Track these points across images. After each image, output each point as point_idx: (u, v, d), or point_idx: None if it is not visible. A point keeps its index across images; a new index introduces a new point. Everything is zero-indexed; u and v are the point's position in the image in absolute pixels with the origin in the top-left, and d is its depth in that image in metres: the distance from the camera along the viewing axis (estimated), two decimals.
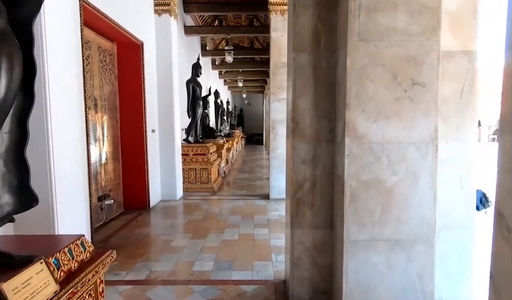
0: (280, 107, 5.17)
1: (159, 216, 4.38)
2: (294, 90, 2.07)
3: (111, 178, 4.15)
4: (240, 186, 6.53)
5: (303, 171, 2.09)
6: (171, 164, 5.22)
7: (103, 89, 3.92)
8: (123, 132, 4.45)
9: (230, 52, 7.50)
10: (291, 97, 2.11)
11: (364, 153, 1.83)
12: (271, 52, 5.15)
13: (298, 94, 2.06)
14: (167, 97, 5.12)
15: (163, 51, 5.02)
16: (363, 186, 1.84)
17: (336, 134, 2.03)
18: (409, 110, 1.81)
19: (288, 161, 2.26)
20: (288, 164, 2.23)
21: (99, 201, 3.79)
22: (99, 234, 3.59)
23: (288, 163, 2.23)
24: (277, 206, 4.87)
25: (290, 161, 2.15)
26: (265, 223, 3.99)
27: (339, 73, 1.96)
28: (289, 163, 2.20)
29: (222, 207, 4.80)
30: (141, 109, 4.50)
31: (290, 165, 2.13)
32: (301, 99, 2.06)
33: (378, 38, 1.79)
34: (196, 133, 6.39)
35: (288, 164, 2.23)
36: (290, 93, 2.17)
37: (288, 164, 2.23)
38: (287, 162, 2.29)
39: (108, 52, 4.08)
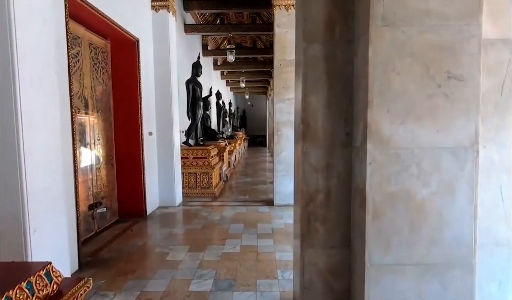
0: (285, 108, 4.88)
1: (156, 224, 4.10)
2: (304, 86, 1.77)
3: (104, 184, 3.87)
4: (243, 191, 6.23)
5: (315, 181, 1.79)
6: (170, 169, 4.94)
7: (95, 89, 3.65)
8: (118, 135, 4.18)
9: (232, 51, 7.23)
10: (300, 95, 1.82)
11: (390, 161, 1.53)
12: (275, 50, 4.87)
13: (310, 91, 1.77)
14: (165, 98, 4.84)
15: (161, 49, 4.75)
16: (388, 200, 1.54)
17: (354, 138, 1.73)
18: (444, 109, 1.51)
19: (297, 169, 1.96)
20: (297, 172, 1.94)
21: (90, 210, 3.51)
22: (89, 245, 3.31)
23: (297, 171, 1.93)
24: (282, 213, 4.57)
25: (299, 169, 1.86)
26: (270, 233, 3.69)
27: (358, 65, 1.67)
28: (298, 171, 1.91)
29: (223, 214, 4.50)
30: (137, 111, 4.23)
31: (300, 173, 1.84)
32: (312, 97, 1.77)
33: (407, 23, 1.49)
34: (197, 135, 6.11)
35: (297, 172, 1.94)
36: (299, 90, 1.87)
37: (297, 172, 1.94)
38: (296, 169, 2.00)
39: (100, 50, 3.81)
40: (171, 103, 4.86)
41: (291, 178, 5.09)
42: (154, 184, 4.81)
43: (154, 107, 4.80)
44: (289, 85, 4.85)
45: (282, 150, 4.95)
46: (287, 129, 4.89)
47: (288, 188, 4.96)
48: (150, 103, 4.66)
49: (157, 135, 4.87)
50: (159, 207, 4.90)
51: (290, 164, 4.94)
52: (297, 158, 1.93)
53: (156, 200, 4.85)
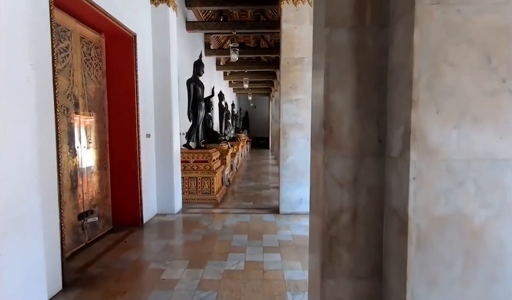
0: (292, 109, 4.56)
1: (153, 235, 3.78)
2: (327, 81, 1.45)
3: (97, 190, 3.56)
4: (246, 196, 5.91)
5: (339, 198, 1.46)
6: (169, 173, 4.63)
7: (86, 87, 3.35)
8: (112, 137, 3.87)
9: (236, 50, 6.93)
10: (321, 92, 1.49)
11: (439, 176, 1.20)
12: (282, 47, 4.55)
13: (333, 87, 1.44)
14: (164, 98, 4.54)
15: (160, 46, 4.45)
16: (437, 225, 1.21)
17: (389, 146, 1.40)
18: (509, 110, 1.19)
19: (315, 182, 1.64)
20: (316, 187, 1.61)
21: (80, 219, 3.20)
22: (78, 259, 2.99)
23: (316, 185, 1.61)
24: (289, 222, 4.24)
25: (319, 182, 1.53)
26: (276, 247, 3.36)
27: (396, 55, 1.34)
28: (317, 185, 1.58)
29: (225, 224, 4.18)
30: (133, 111, 3.92)
31: (320, 188, 1.51)
32: (337, 95, 1.44)
33: (463, 0, 1.17)
34: (198, 137, 5.80)
35: (316, 187, 1.61)
36: (319, 86, 1.55)
37: (316, 187, 1.61)
38: (314, 183, 1.67)
39: (93, 45, 3.51)
40: (170, 104, 4.56)
41: (297, 184, 4.81)
42: (152, 190, 4.49)
43: (153, 108, 4.50)
44: (297, 85, 4.53)
45: (288, 155, 4.63)
46: (294, 131, 4.57)
47: (294, 195, 4.64)
48: (148, 103, 4.35)
49: (156, 138, 4.57)
50: (157, 214, 4.59)
51: (297, 169, 4.62)
52: (316, 169, 1.60)
53: (153, 207, 4.53)
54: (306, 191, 4.62)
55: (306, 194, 4.63)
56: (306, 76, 4.50)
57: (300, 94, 4.53)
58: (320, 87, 1.54)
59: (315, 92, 1.70)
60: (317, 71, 1.62)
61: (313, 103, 1.76)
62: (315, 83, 1.69)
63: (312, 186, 1.75)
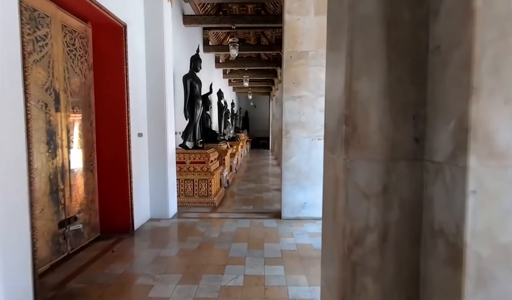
0: (295, 107, 4.25)
1: (144, 243, 3.46)
2: (350, 65, 1.13)
3: (82, 195, 3.24)
4: (245, 199, 5.59)
5: (364, 213, 1.15)
6: (163, 175, 4.31)
7: (69, 81, 3.03)
8: (100, 136, 3.56)
9: (235, 45, 6.61)
10: (343, 80, 1.17)
11: (507, 188, 0.89)
12: (285, 41, 4.24)
13: (358, 72, 1.13)
14: (158, 94, 4.22)
15: (153, 38, 4.14)
16: (503, 255, 0.90)
17: (431, 147, 1.09)
18: None
19: (332, 193, 1.32)
20: (334, 199, 1.29)
21: (61, 227, 2.89)
22: (57, 273, 2.68)
23: (334, 196, 1.29)
24: (291, 229, 3.93)
25: (339, 193, 1.22)
26: (279, 257, 3.04)
27: (445, 27, 1.03)
28: (336, 196, 1.26)
29: (223, 230, 3.87)
30: (123, 108, 3.60)
31: (340, 201, 1.20)
32: (363, 82, 1.13)
33: None
34: (195, 137, 5.48)
35: (334, 199, 1.29)
36: (339, 73, 1.23)
37: (334, 199, 1.29)
38: (331, 193, 1.35)
39: (78, 34, 3.19)
40: (164, 101, 4.24)
41: (301, 187, 4.50)
42: (144, 193, 4.18)
43: (145, 105, 4.19)
44: (300, 80, 4.22)
45: (291, 156, 4.31)
46: (297, 131, 4.26)
47: (297, 199, 4.33)
48: (140, 100, 4.04)
49: (148, 137, 4.25)
50: (150, 220, 4.27)
51: (300, 171, 4.31)
52: (333, 177, 1.29)
53: (146, 212, 4.22)
54: (309, 194, 4.31)
55: (310, 198, 4.32)
56: (310, 71, 4.19)
57: (304, 90, 4.22)
58: (340, 74, 1.22)
59: (331, 82, 1.38)
60: (335, 54, 1.31)
61: (328, 95, 1.44)
62: (331, 70, 1.37)
63: (328, 197, 1.43)
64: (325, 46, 1.59)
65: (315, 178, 4.29)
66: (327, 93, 1.41)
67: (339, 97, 1.20)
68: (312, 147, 4.27)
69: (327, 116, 1.42)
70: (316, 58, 4.17)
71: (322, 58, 4.15)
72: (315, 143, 4.26)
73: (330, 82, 1.35)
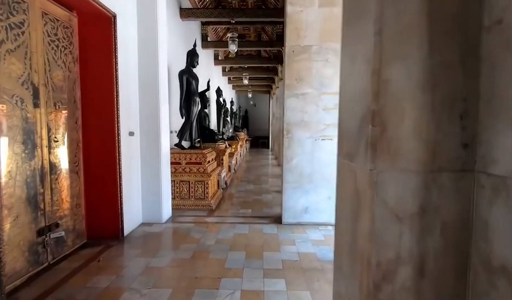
0: (297, 105, 3.98)
1: (134, 251, 3.19)
2: (378, 46, 0.86)
3: (65, 199, 2.98)
4: (244, 202, 5.33)
5: (395, 240, 0.89)
6: (156, 177, 4.04)
7: (51, 74, 2.76)
8: (87, 135, 3.29)
9: (235, 40, 6.33)
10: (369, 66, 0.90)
11: None
12: (287, 34, 3.96)
13: (390, 55, 0.86)
14: (151, 90, 3.95)
15: (146, 30, 3.86)
16: None
17: (486, 156, 0.83)
18: None
19: (351, 211, 1.05)
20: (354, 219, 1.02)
21: (39, 236, 2.62)
22: (33, 287, 2.41)
23: (355, 216, 1.02)
24: (293, 235, 3.67)
25: (362, 213, 0.95)
26: (280, 269, 2.78)
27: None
28: (356, 216, 0.99)
29: (219, 237, 3.60)
30: (112, 105, 3.33)
31: (364, 223, 0.93)
32: (396, 69, 0.86)
33: None
34: (192, 136, 5.21)
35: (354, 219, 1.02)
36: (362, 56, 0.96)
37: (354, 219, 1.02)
38: (350, 212, 1.08)
39: (61, 24, 2.92)
40: (158, 97, 3.97)
41: (303, 190, 4.23)
42: (136, 196, 3.92)
43: (137, 102, 3.92)
44: (303, 77, 3.95)
45: (293, 157, 4.05)
46: (300, 130, 4.00)
47: (299, 203, 4.06)
48: (132, 97, 3.77)
49: (141, 136, 3.99)
50: (142, 224, 4.01)
51: (302, 173, 4.05)
52: (353, 191, 1.02)
53: (137, 216, 3.96)
54: (312, 198, 4.05)
55: (313, 202, 4.06)
56: (313, 67, 3.92)
57: (307, 87, 3.95)
58: (363, 59, 0.95)
59: (350, 70, 1.10)
60: (357, 33, 1.03)
61: (345, 88, 1.17)
62: (351, 54, 1.09)
63: (343, 216, 1.16)
64: (330, 40, 1.34)
65: (318, 181, 4.03)
66: (344, 85, 1.14)
67: (363, 89, 0.93)
68: (315, 148, 4.01)
69: (342, 114, 1.15)
70: (320, 53, 3.90)
71: (326, 53, 3.89)
72: (319, 143, 4.00)
73: (348, 70, 1.08)
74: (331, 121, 3.97)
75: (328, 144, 3.99)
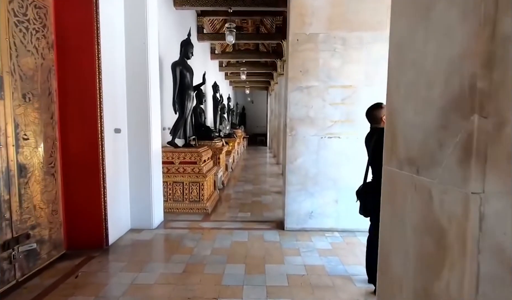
0: (301, 99, 3.61)
1: (118, 263, 2.82)
2: None
3: (38, 205, 2.59)
4: (242, 205, 4.96)
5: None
6: (145, 178, 3.66)
7: (18, 60, 2.36)
8: (65, 132, 2.90)
9: (232, 31, 5.94)
10: (477, 15, 0.53)
11: None
12: (290, 21, 3.58)
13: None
14: (140, 82, 3.56)
15: (134, 15, 3.46)
16: None
17: None
18: None
19: (415, 251, 0.68)
20: (433, 272, 0.65)
21: (5, 250, 2.24)
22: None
23: (437, 266, 0.64)
24: (297, 243, 3.31)
25: (453, 264, 0.58)
26: (285, 286, 2.42)
27: None
28: (443, 268, 0.62)
29: (216, 245, 3.24)
30: (94, 98, 2.94)
31: (458, 282, 0.56)
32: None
33: None
34: (186, 133, 4.83)
35: (433, 272, 0.65)
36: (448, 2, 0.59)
37: (433, 272, 0.65)
38: (406, 248, 0.70)
39: (32, 3, 2.51)
40: (148, 91, 3.58)
41: (307, 193, 3.84)
42: (123, 199, 3.54)
43: (125, 95, 3.53)
44: (308, 68, 3.58)
45: (296, 157, 3.68)
46: (304, 127, 3.63)
47: (303, 207, 3.71)
48: (117, 89, 3.38)
49: (129, 133, 3.60)
50: (130, 230, 3.63)
51: (307, 174, 3.68)
52: (424, 221, 0.65)
53: (125, 222, 3.58)
54: (317, 202, 3.69)
55: (318, 206, 3.70)
56: (320, 57, 3.55)
57: (313, 80, 3.58)
58: (447, 5, 0.58)
59: (415, 30, 0.74)
60: None
61: (401, 60, 0.81)
62: (417, 5, 0.72)
63: (399, 260, 0.79)
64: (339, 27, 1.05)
65: (324, 182, 3.67)
66: (399, 58, 0.77)
67: (452, 57, 0.56)
68: (321, 146, 3.64)
69: (396, 101, 0.78)
70: (327, 42, 3.52)
71: (334, 42, 3.52)
72: (325, 142, 3.64)
73: (411, 32, 0.71)
74: (338, 117, 3.61)
75: (335, 143, 3.63)
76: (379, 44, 3.51)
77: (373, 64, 3.54)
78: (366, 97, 3.42)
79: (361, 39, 3.52)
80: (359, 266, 2.75)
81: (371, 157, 2.34)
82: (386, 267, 0.82)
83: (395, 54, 0.80)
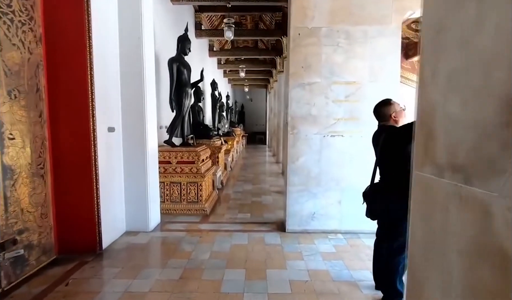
0: (303, 96, 3.47)
1: (112, 269, 2.68)
2: None
3: (25, 208, 2.44)
4: (242, 205, 4.82)
5: None
6: (141, 178, 3.52)
7: (2, 54, 2.21)
8: (55, 131, 2.75)
9: (231, 26, 5.78)
10: None
11: None
12: (292, 14, 3.44)
13: None
14: (135, 79, 3.41)
15: (128, 8, 3.31)
16: None
17: None
18: None
19: (460, 277, 0.53)
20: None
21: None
22: None
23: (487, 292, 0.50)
24: (300, 246, 3.18)
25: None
26: (288, 294, 2.29)
27: None
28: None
29: (215, 248, 3.10)
30: (85, 95, 2.79)
31: None
32: None
33: None
34: (183, 132, 4.68)
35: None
36: None
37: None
38: (448, 271, 0.56)
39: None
40: (143, 88, 3.43)
41: (310, 194, 3.66)
42: (118, 201, 3.39)
43: (119, 92, 3.38)
44: (311, 64, 3.44)
45: (298, 156, 3.54)
46: (306, 126, 3.49)
47: (305, 208, 3.58)
48: (111, 85, 3.23)
49: (123, 132, 3.45)
50: (126, 233, 3.49)
51: (309, 174, 3.54)
52: (476, 241, 0.51)
53: (120, 225, 3.44)
54: (320, 203, 3.56)
55: (321, 207, 3.57)
56: (322, 53, 3.41)
57: (315, 76, 3.44)
58: None
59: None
60: None
61: (438, 41, 0.65)
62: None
63: (437, 282, 0.65)
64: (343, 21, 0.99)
65: (327, 183, 3.54)
66: (434, 34, 0.63)
67: None
68: (324, 145, 3.51)
69: (433, 90, 0.65)
70: (330, 36, 3.38)
71: (337, 36, 3.37)
72: (328, 140, 3.50)
73: (451, 6, 0.57)
74: (342, 115, 3.47)
75: (339, 141, 3.50)
76: (384, 39, 3.38)
77: (378, 59, 3.40)
78: (371, 94, 3.29)
79: (366, 33, 3.38)
80: (365, 270, 2.62)
81: (379, 157, 2.20)
82: (418, 295, 0.68)
83: (431, 38, 0.66)
